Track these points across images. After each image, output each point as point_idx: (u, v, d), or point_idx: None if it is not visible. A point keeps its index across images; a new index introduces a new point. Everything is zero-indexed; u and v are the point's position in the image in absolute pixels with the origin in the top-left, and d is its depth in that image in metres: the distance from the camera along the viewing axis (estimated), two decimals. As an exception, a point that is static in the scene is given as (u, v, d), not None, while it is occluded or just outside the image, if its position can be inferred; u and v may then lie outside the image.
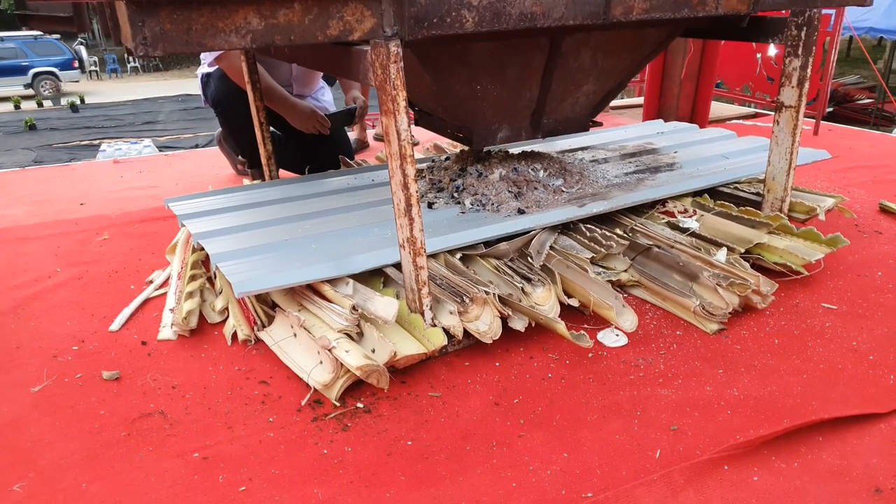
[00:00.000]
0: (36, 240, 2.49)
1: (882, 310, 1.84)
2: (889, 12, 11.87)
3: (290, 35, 1.44)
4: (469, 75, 1.95)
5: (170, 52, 1.36)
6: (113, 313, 1.92)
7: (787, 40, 2.06)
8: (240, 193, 2.35)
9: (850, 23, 9.97)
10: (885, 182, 2.93)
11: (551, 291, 1.76)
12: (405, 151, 1.50)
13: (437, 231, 1.96)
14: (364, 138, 3.77)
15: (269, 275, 1.69)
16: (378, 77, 1.48)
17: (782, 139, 2.13)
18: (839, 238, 2.01)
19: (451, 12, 1.57)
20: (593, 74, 2.15)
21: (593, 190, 2.29)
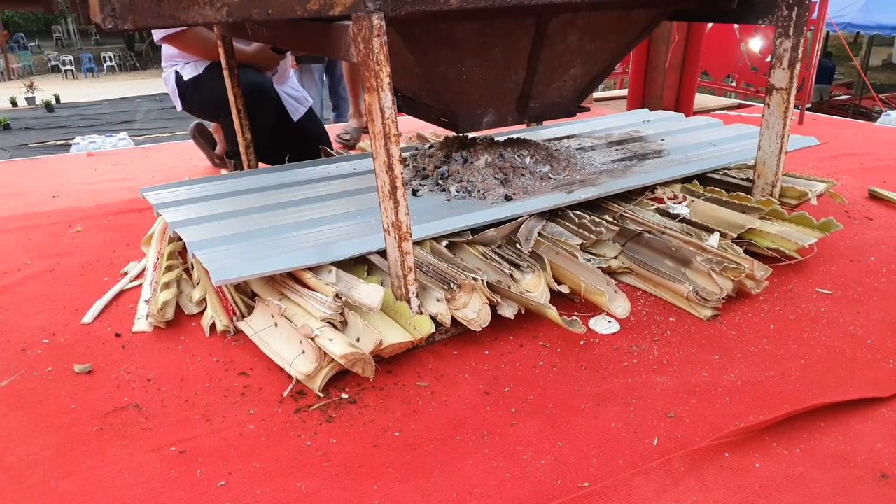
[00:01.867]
0: (5, 232, 2.40)
1: (877, 294, 1.81)
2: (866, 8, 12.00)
3: (267, 8, 1.38)
4: (454, 57, 1.90)
5: (140, 26, 1.29)
6: (86, 306, 1.84)
7: (777, 21, 2.03)
8: (218, 182, 2.27)
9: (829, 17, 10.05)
10: (873, 169, 2.91)
11: (541, 278, 1.71)
12: (389, 130, 1.44)
13: (423, 218, 1.90)
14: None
15: (248, 262, 1.62)
16: (361, 53, 1.42)
17: (773, 122, 2.10)
18: (832, 222, 1.99)
19: (436, -13, 1.52)
20: (580, 57, 2.10)
21: (581, 177, 2.24)
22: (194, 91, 2.73)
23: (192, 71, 2.70)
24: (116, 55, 28.40)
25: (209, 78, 2.67)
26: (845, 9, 12.26)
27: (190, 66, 2.71)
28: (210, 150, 3.12)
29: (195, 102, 2.78)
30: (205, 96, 2.71)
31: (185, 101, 2.81)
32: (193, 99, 2.76)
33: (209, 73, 2.67)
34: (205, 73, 2.68)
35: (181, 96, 2.79)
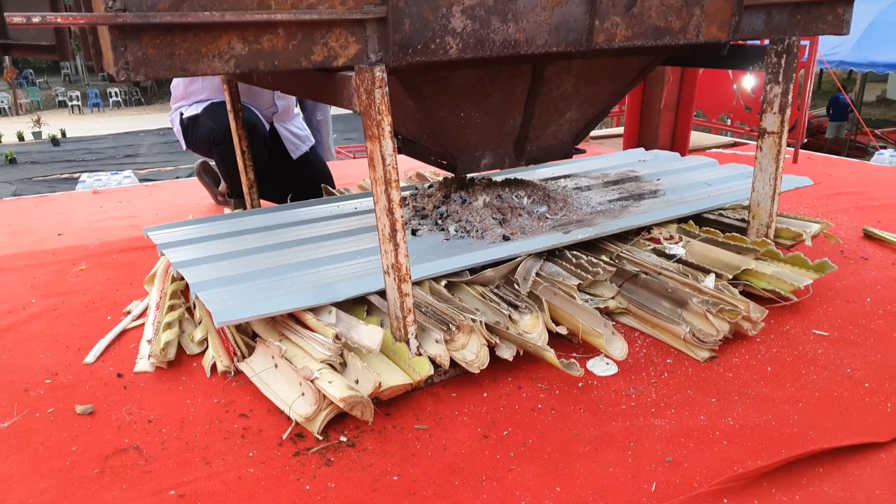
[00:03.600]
0: (11, 271, 2.42)
1: (873, 336, 1.82)
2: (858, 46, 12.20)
3: (274, 60, 1.43)
4: (453, 103, 1.95)
5: (152, 77, 1.34)
6: (88, 345, 1.86)
7: (767, 68, 2.08)
8: (221, 222, 2.30)
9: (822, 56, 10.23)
10: (867, 208, 2.95)
11: (539, 319, 1.73)
12: (390, 176, 1.48)
13: (422, 258, 1.93)
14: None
15: (249, 304, 1.64)
16: (363, 102, 1.46)
17: (766, 165, 2.14)
18: (827, 263, 2.01)
19: (436, 39, 1.57)
20: (576, 102, 2.15)
21: (578, 217, 2.28)
22: (193, 128, 2.81)
23: (194, 110, 2.78)
24: (122, 90, 28.84)
25: (205, 115, 2.75)
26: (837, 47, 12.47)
27: (193, 106, 2.79)
28: (214, 188, 3.16)
29: (195, 140, 2.85)
30: (202, 133, 2.78)
31: (188, 140, 2.88)
32: (193, 136, 2.84)
33: (206, 112, 2.74)
34: (203, 111, 2.75)
35: (184, 135, 2.87)
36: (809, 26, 2.20)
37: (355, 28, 1.48)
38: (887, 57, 11.97)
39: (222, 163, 2.81)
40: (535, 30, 1.70)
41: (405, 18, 1.51)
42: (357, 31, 1.49)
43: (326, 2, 1.43)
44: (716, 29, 2.01)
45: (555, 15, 1.71)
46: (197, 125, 2.78)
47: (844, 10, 2.24)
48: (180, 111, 2.84)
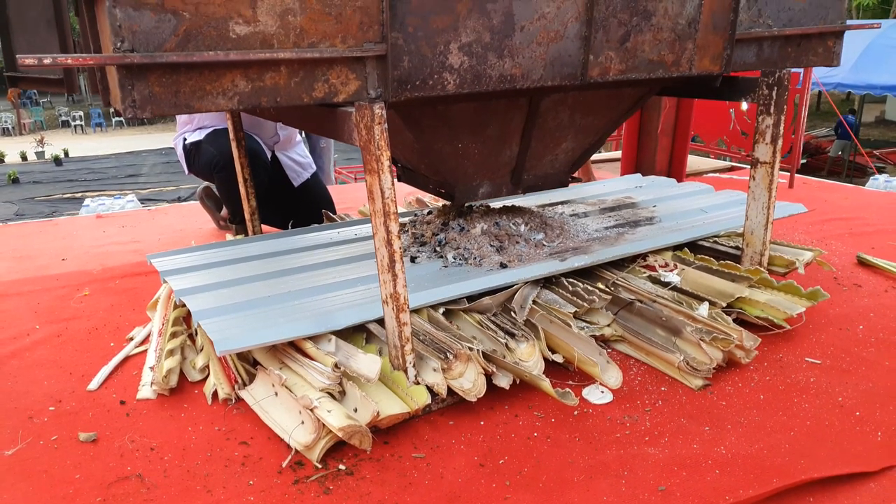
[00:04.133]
0: (15, 296, 2.46)
1: (865, 364, 1.85)
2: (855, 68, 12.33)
3: (276, 97, 1.47)
4: (451, 134, 1.99)
5: (157, 114, 1.38)
6: (92, 372, 1.89)
7: (759, 99, 2.13)
8: (222, 249, 2.34)
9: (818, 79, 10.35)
10: (861, 234, 2.98)
11: (535, 347, 1.76)
12: (389, 209, 1.52)
13: (420, 285, 1.96)
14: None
15: (250, 332, 1.67)
16: (363, 138, 1.50)
17: (759, 194, 2.18)
18: (819, 292, 2.04)
19: (434, 75, 1.62)
20: (571, 132, 2.20)
21: (574, 244, 2.31)
22: (196, 154, 2.86)
23: (197, 136, 2.83)
24: (125, 110, 29.00)
25: (207, 142, 2.80)
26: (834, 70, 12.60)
27: (197, 132, 2.85)
28: (216, 213, 3.21)
29: (197, 165, 2.91)
30: (204, 159, 2.84)
31: (190, 165, 2.94)
32: (195, 162, 2.90)
33: (209, 138, 2.80)
34: (205, 138, 2.81)
35: (187, 160, 2.92)
36: (800, 58, 2.25)
37: (355, 65, 1.53)
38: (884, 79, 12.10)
39: (224, 189, 2.86)
40: (530, 65, 1.75)
41: (404, 56, 1.56)
42: (357, 68, 1.54)
43: (328, 40, 1.48)
44: (708, 62, 2.06)
45: (550, 50, 1.76)
46: (199, 151, 2.84)
47: (835, 43, 2.30)
48: (184, 136, 2.90)
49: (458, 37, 1.62)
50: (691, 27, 1.97)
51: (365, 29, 1.51)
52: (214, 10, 1.36)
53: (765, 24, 2.11)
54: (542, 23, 1.72)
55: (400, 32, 1.54)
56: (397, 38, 1.54)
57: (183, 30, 1.34)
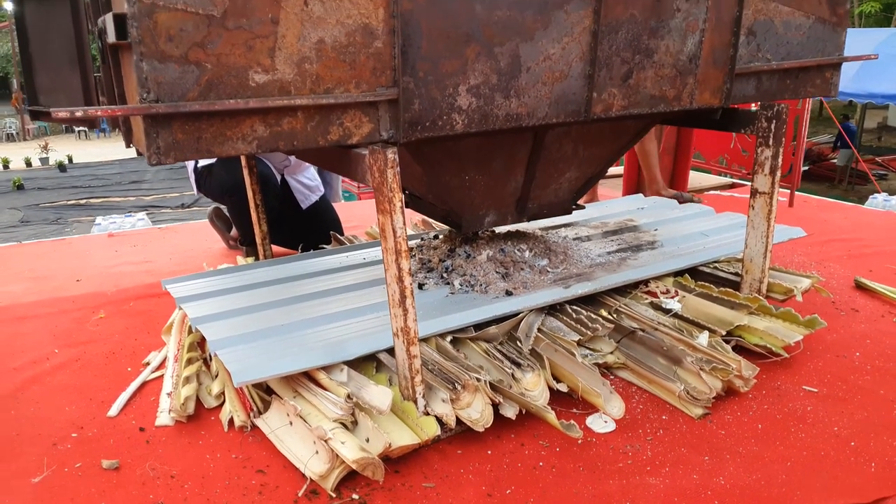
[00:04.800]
0: (34, 318, 2.52)
1: (861, 393, 1.90)
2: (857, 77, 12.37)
3: (293, 141, 1.54)
4: (458, 167, 2.06)
5: (180, 159, 1.45)
6: (111, 397, 1.95)
7: (758, 132, 2.19)
8: (235, 275, 2.41)
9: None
10: (860, 256, 3.04)
11: (540, 377, 1.82)
12: (400, 247, 1.58)
13: (428, 314, 2.02)
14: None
15: (266, 363, 1.74)
16: (376, 180, 1.57)
17: (758, 223, 2.24)
18: (816, 320, 2.10)
19: (443, 116, 1.68)
20: (575, 163, 2.26)
21: (578, 270, 2.37)
22: (207, 177, 2.93)
23: (209, 160, 2.90)
24: (129, 116, 29.18)
25: (220, 166, 2.87)
26: (837, 78, 12.59)
27: None
28: (226, 233, 3.28)
29: (208, 188, 2.98)
30: (216, 183, 2.91)
31: (200, 186, 3.00)
32: (207, 184, 2.96)
33: (221, 162, 2.87)
34: (217, 161, 2.88)
35: (196, 181, 2.99)
36: (798, 90, 2.32)
37: (368, 109, 1.60)
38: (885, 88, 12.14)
39: (235, 212, 2.93)
40: (535, 104, 1.81)
41: (415, 99, 1.63)
42: (370, 112, 1.60)
43: (342, 85, 1.55)
44: (708, 95, 2.12)
45: (555, 89, 1.83)
46: (211, 175, 2.91)
47: (832, 75, 2.36)
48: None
49: (466, 79, 1.69)
50: (692, 63, 2.04)
51: (378, 74, 1.58)
52: (235, 60, 1.43)
53: (764, 59, 2.18)
54: (547, 63, 1.79)
55: (411, 77, 1.61)
56: (408, 83, 1.61)
57: (205, 79, 1.41)
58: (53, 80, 2.01)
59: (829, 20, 2.25)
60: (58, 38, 1.94)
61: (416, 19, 1.57)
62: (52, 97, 2.04)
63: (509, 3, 1.68)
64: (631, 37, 1.89)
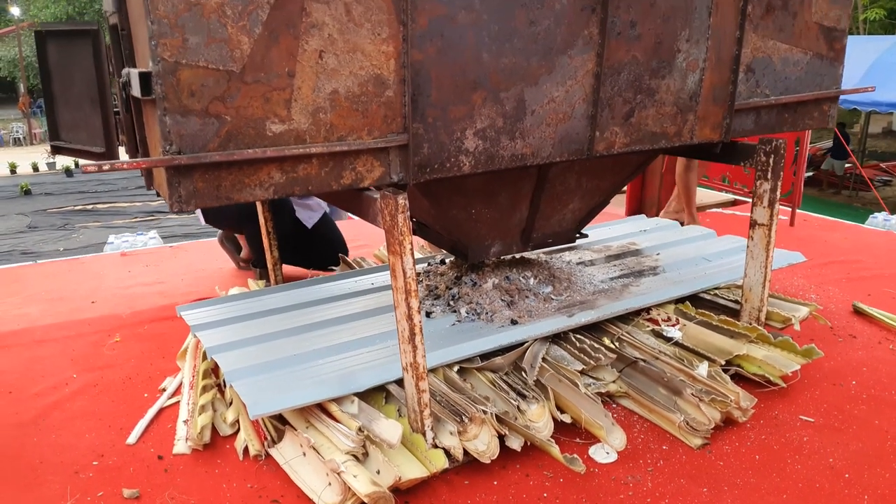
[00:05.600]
0: (52, 342, 2.59)
1: (856, 423, 1.96)
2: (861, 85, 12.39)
3: (308, 186, 1.60)
4: (465, 202, 2.12)
5: (200, 206, 1.52)
6: (129, 424, 2.02)
7: (757, 165, 2.25)
8: (248, 301, 2.47)
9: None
10: (859, 279, 3.09)
11: (545, 408, 1.88)
12: (410, 287, 1.65)
13: (436, 343, 2.08)
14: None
15: (279, 395, 1.80)
16: (387, 223, 1.63)
17: (757, 254, 2.30)
18: (813, 350, 2.15)
19: (451, 158, 1.75)
20: (578, 194, 2.33)
21: (581, 297, 2.43)
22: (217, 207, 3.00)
23: None
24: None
25: None
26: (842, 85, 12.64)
27: None
28: (235, 255, 3.35)
29: (217, 217, 3.05)
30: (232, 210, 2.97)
31: (207, 216, 3.07)
32: (215, 214, 3.03)
33: None
34: None
35: (203, 212, 3.06)
36: (797, 123, 2.38)
37: (380, 154, 1.67)
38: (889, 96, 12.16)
39: (252, 237, 3.00)
40: (540, 144, 1.88)
41: (424, 143, 1.70)
42: (381, 157, 1.67)
43: (355, 133, 1.62)
44: (708, 131, 2.18)
45: (558, 130, 1.89)
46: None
47: (830, 107, 2.42)
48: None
49: (473, 124, 1.75)
50: (692, 100, 2.10)
51: (389, 121, 1.65)
52: (253, 111, 1.50)
53: (762, 94, 2.24)
54: (551, 106, 1.85)
55: (420, 123, 1.68)
56: (418, 128, 1.68)
57: (225, 131, 1.48)
58: (75, 116, 2.08)
59: (827, 55, 2.31)
60: (79, 78, 2.00)
61: (425, 69, 1.64)
62: (73, 134, 2.11)
63: (515, 50, 1.74)
64: (633, 77, 1.96)
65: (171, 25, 1.37)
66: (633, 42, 1.92)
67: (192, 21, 1.39)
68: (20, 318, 2.83)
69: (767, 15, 2.13)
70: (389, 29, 1.58)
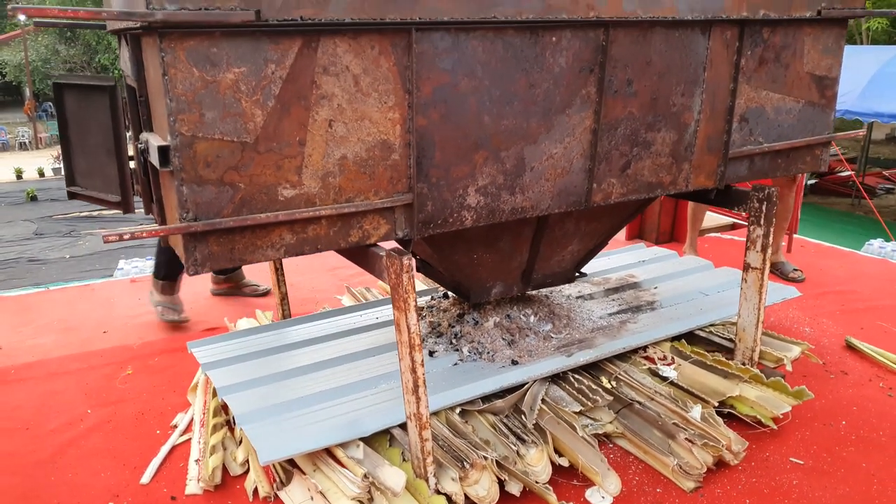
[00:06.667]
0: (65, 375, 2.67)
1: (844, 466, 2.03)
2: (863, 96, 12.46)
3: (317, 245, 1.68)
4: (467, 248, 2.20)
5: (215, 268, 1.60)
6: (143, 462, 2.09)
7: (750, 211, 2.32)
8: (256, 337, 2.55)
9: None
10: (853, 312, 3.16)
11: (544, 452, 1.95)
12: (414, 342, 1.72)
13: (439, 385, 2.16)
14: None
15: (288, 441, 1.88)
16: (392, 280, 1.71)
17: (750, 296, 2.37)
18: (804, 391, 2.22)
19: (454, 214, 1.83)
20: (577, 238, 2.40)
21: (580, 335, 2.51)
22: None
23: None
24: (140, 124, 29.41)
25: None
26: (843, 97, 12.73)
27: None
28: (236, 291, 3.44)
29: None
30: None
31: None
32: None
33: None
34: None
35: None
36: (790, 167, 2.45)
37: (386, 213, 1.74)
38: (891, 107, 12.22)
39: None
40: (539, 197, 1.95)
41: (428, 202, 1.77)
42: (387, 215, 1.75)
43: (362, 194, 1.69)
44: (703, 179, 2.26)
45: (557, 184, 1.97)
46: None
47: (822, 151, 2.49)
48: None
49: (475, 181, 1.83)
50: (687, 151, 2.17)
51: (394, 182, 1.72)
52: (266, 178, 1.57)
53: (756, 142, 2.31)
54: (550, 162, 1.93)
55: (424, 183, 1.75)
56: (422, 188, 1.75)
57: (239, 197, 1.56)
58: (91, 164, 2.16)
59: (818, 103, 2.38)
60: (96, 128, 2.08)
61: (429, 133, 1.71)
62: (89, 180, 2.19)
63: (515, 112, 1.82)
64: (629, 132, 2.03)
65: (189, 102, 1.45)
66: (630, 98, 2.00)
67: (208, 97, 1.46)
68: (34, 348, 2.91)
69: (760, 67, 2.20)
70: (395, 97, 1.66)
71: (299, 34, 1.51)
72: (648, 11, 1.91)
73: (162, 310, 3.11)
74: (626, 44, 1.92)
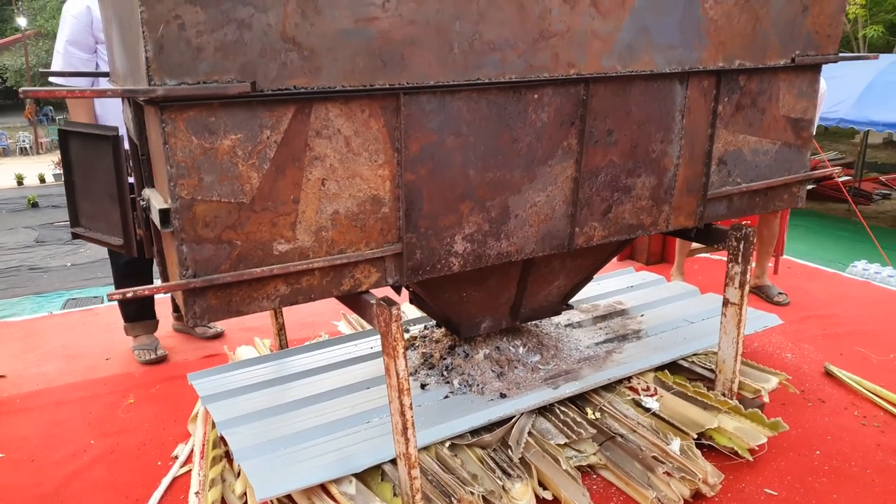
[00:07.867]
0: (69, 404, 2.76)
1: (816, 497, 2.12)
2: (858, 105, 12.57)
3: (310, 294, 1.77)
4: (456, 287, 2.29)
5: (214, 320, 1.69)
6: (145, 495, 2.18)
7: (728, 248, 2.41)
8: (255, 369, 2.64)
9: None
10: (834, 337, 3.25)
11: (528, 486, 2.04)
12: (403, 387, 1.81)
13: (430, 419, 2.25)
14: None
15: (284, 476, 1.97)
16: (382, 328, 1.80)
17: (729, 330, 2.46)
18: (779, 423, 2.31)
19: (441, 260, 1.92)
20: (563, 274, 2.49)
21: (567, 366, 2.60)
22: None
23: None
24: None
25: None
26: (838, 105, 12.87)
27: None
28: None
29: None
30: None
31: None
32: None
33: None
34: None
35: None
36: (767, 205, 2.54)
37: (377, 262, 1.83)
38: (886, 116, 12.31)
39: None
40: (523, 242, 2.04)
41: (416, 250, 1.86)
42: (378, 264, 1.84)
43: (354, 246, 1.79)
44: (683, 219, 2.35)
45: (540, 229, 2.06)
46: None
47: (799, 189, 2.58)
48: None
49: (461, 230, 1.92)
50: (667, 194, 2.26)
51: (384, 234, 1.82)
52: (261, 235, 1.66)
53: (734, 182, 2.40)
54: (533, 209, 2.02)
55: (413, 233, 1.84)
56: (411, 238, 1.84)
57: (236, 254, 1.65)
58: (94, 208, 2.25)
59: (795, 143, 2.47)
60: (100, 174, 2.16)
61: (417, 187, 1.81)
62: (93, 223, 2.27)
63: (499, 165, 1.91)
64: (610, 178, 2.12)
65: (189, 168, 1.54)
66: (610, 147, 2.09)
67: (207, 162, 1.55)
68: (39, 376, 3.00)
69: (737, 113, 2.30)
70: (385, 155, 1.75)
71: (293, 102, 1.61)
72: (627, 66, 2.00)
73: (138, 352, 3.18)
74: (606, 96, 2.02)
